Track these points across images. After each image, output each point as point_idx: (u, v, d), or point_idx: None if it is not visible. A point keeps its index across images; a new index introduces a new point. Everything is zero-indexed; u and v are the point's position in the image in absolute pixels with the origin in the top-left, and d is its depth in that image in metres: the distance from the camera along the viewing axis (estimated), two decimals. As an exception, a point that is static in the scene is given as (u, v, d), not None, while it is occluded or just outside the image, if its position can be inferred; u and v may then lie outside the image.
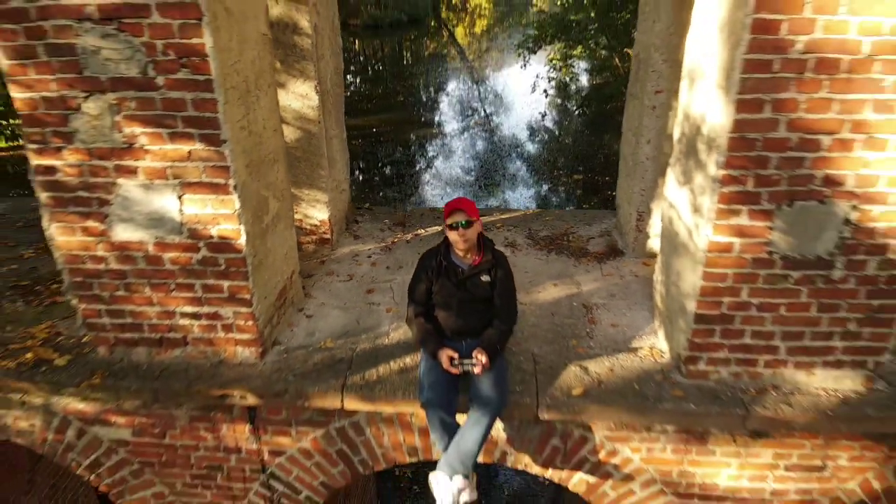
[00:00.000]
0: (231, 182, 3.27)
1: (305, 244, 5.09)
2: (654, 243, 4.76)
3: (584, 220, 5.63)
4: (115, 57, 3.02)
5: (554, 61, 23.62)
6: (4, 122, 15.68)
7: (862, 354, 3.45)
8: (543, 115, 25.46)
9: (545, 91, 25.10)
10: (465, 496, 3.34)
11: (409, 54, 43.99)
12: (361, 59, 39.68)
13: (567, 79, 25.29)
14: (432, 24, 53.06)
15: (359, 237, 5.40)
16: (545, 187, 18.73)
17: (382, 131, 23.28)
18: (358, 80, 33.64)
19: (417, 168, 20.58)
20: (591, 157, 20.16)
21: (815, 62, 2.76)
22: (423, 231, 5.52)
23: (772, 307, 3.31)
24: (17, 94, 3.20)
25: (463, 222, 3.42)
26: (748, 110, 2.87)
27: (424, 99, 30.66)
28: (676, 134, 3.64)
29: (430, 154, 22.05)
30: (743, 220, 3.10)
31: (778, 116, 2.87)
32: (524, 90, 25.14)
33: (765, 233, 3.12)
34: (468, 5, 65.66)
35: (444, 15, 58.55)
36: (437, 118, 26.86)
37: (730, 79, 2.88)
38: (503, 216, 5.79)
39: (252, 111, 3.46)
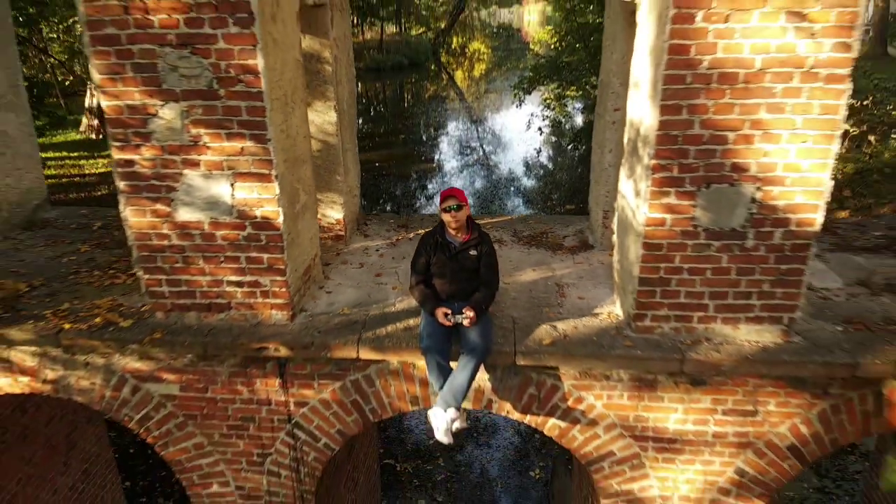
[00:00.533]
0: (273, 172, 4.16)
1: (323, 239, 5.96)
2: (619, 238, 5.64)
3: (562, 223, 6.52)
4: (188, 74, 3.95)
5: (548, 101, 24.85)
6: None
7: (777, 311, 4.29)
8: (538, 152, 26.62)
9: (539, 129, 26.29)
10: (457, 424, 4.15)
11: (409, 96, 45.57)
12: (364, 100, 41.12)
13: (561, 117, 26.54)
14: (432, 67, 54.88)
15: (368, 235, 6.28)
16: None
17: (384, 167, 24.39)
18: (361, 120, 34.93)
19: (417, 204, 21.59)
20: (583, 190, 21.14)
21: (718, 75, 3.69)
22: (422, 231, 6.39)
23: (699, 271, 4.18)
24: (106, 102, 4.11)
25: (454, 206, 4.31)
26: (670, 113, 3.78)
27: (424, 138, 31.92)
28: (625, 138, 4.56)
29: (431, 190, 23.10)
30: (672, 199, 3.99)
31: (693, 118, 3.78)
32: (520, 128, 26.28)
33: (689, 210, 4.00)
34: (467, 50, 67.78)
35: (443, 59, 60.48)
36: (436, 156, 28.04)
37: (655, 90, 3.80)
38: (493, 220, 6.69)
39: (289, 119, 4.38)
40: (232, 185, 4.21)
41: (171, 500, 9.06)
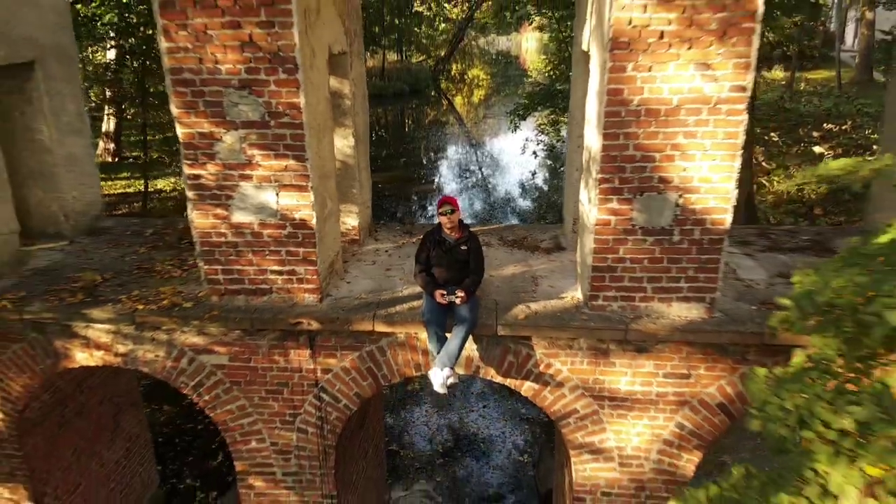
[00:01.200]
0: (309, 185, 5.39)
1: (342, 242, 7.18)
2: (586, 240, 6.85)
3: (541, 230, 7.75)
4: (246, 109, 5.20)
5: (542, 126, 26.24)
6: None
7: (701, 292, 5.49)
8: (533, 174, 27.96)
9: (534, 152, 27.68)
10: (451, 380, 5.33)
11: (410, 121, 47.22)
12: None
13: (555, 141, 27.94)
14: (432, 94, 56.55)
15: (378, 240, 7.50)
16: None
17: (386, 188, 25.71)
18: (364, 144, 36.23)
19: (420, 222, 22.90)
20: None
21: (645, 110, 4.93)
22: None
23: (638, 261, 5.39)
24: (181, 130, 5.36)
25: (449, 210, 5.53)
26: (610, 139, 5.02)
27: (424, 161, 33.37)
28: (583, 158, 5.80)
29: (430, 211, 24.44)
30: (615, 204, 5.21)
31: (628, 142, 5.02)
32: (517, 152, 27.63)
33: (628, 212, 5.22)
34: (466, 77, 69.60)
35: (443, 85, 62.22)
36: (436, 178, 29.45)
37: (600, 122, 5.04)
38: (483, 227, 7.90)
39: (320, 143, 5.62)
40: (277, 193, 5.44)
41: (199, 481, 10.15)
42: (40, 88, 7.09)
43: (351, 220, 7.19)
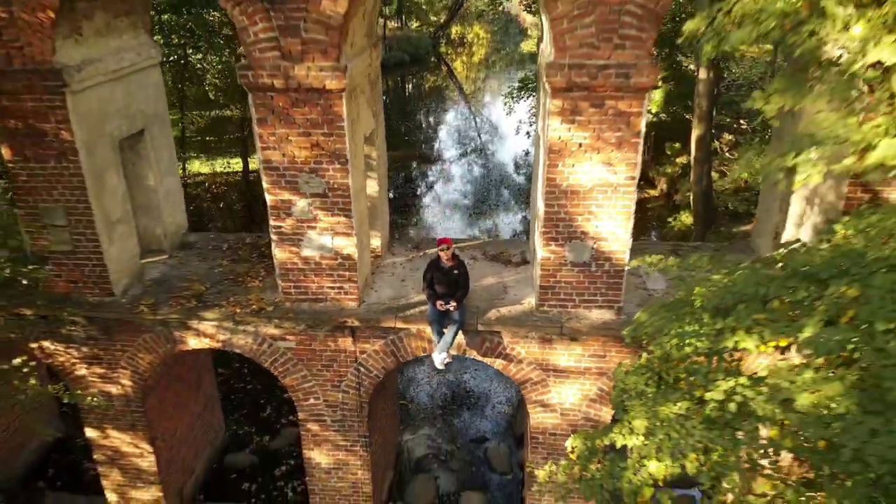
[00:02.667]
0: (354, 232, 8.17)
1: (370, 258, 9.97)
2: (543, 257, 9.66)
3: (514, 245, 10.53)
4: (313, 185, 7.94)
5: (535, 109, 28.67)
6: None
7: (610, 303, 8.32)
8: (527, 153, 30.52)
9: (528, 133, 30.16)
10: (446, 360, 8.23)
11: (410, 88, 49.49)
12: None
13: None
14: (432, 60, 58.29)
15: (394, 254, 10.30)
16: (521, 216, 23.86)
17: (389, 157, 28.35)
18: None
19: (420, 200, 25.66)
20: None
21: (570, 191, 7.67)
22: (428, 251, 10.40)
23: (569, 282, 8.21)
24: (269, 197, 8.10)
25: (445, 248, 8.31)
26: (549, 207, 7.78)
27: (425, 126, 36.03)
28: (532, 215, 8.56)
29: (431, 180, 27.37)
30: (553, 247, 8.00)
31: (560, 210, 7.78)
32: (513, 124, 30.11)
33: (562, 252, 8.01)
34: (466, 39, 70.88)
35: (443, 49, 63.73)
36: (436, 146, 32.21)
37: (542, 196, 7.80)
38: (471, 243, 10.69)
39: (360, 203, 8.37)
40: (332, 238, 8.21)
41: (254, 428, 13.19)
42: (147, 146, 9.77)
43: (375, 241, 9.98)
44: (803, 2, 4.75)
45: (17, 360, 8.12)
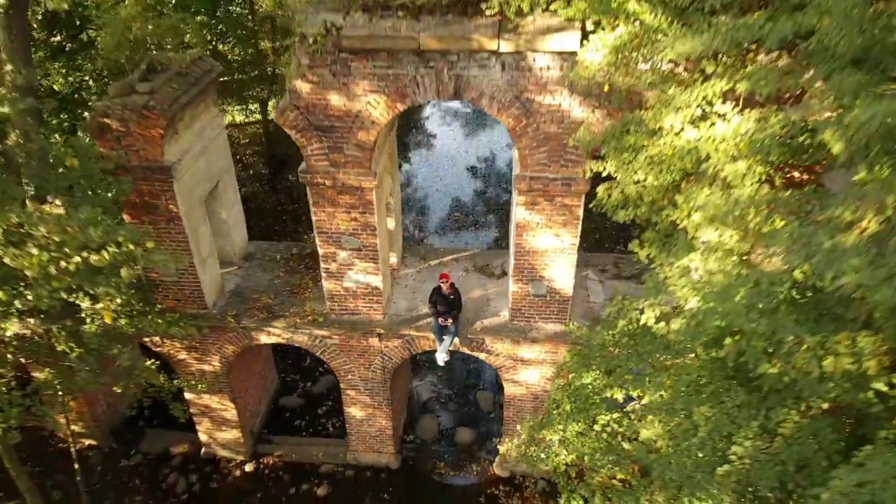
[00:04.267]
0: (380, 270, 11.63)
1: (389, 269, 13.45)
2: (517, 273, 13.16)
3: (497, 257, 13.97)
4: (352, 243, 11.30)
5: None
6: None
7: (560, 319, 11.92)
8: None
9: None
10: (446, 359, 11.97)
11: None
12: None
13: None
14: None
15: (406, 265, 13.77)
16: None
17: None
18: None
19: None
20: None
21: (532, 251, 11.07)
22: (432, 262, 13.87)
23: (532, 305, 11.77)
24: (321, 250, 11.48)
25: (445, 281, 11.79)
26: (517, 260, 11.20)
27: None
28: (506, 264, 11.97)
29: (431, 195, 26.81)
30: (520, 284, 11.50)
31: (525, 263, 11.20)
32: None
33: (527, 288, 11.52)
34: None
35: None
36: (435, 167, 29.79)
37: (513, 252, 11.20)
38: (464, 253, 14.12)
39: (385, 251, 11.75)
40: (365, 275, 11.68)
41: (298, 376, 17.15)
42: (220, 191, 12.97)
43: (393, 259, 13.42)
44: (664, 195, 8.04)
45: (148, 362, 11.80)
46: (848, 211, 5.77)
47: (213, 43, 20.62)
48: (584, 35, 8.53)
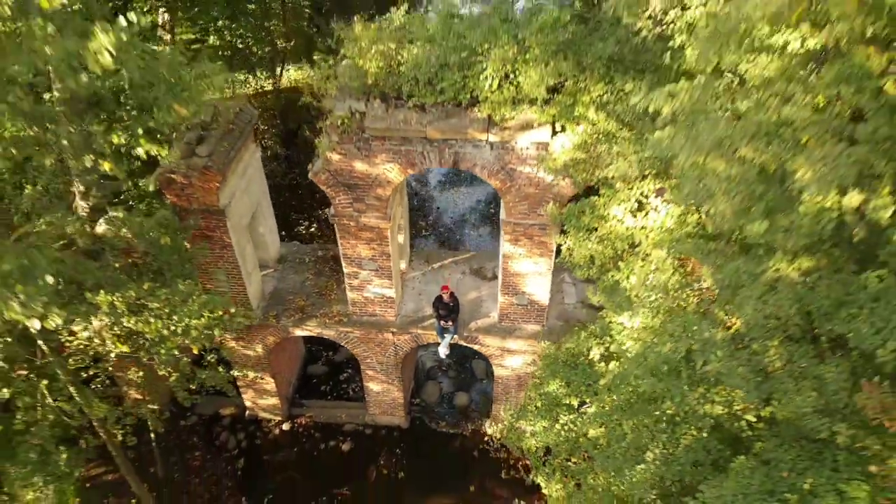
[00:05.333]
0: (393, 284, 14.44)
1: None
2: (505, 277, 15.98)
3: (489, 260, 16.72)
4: (371, 266, 14.06)
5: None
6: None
7: (538, 321, 14.84)
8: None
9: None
10: (447, 353, 15.00)
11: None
12: None
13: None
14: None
15: (413, 268, 16.55)
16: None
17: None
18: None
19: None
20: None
21: (515, 273, 13.85)
22: (437, 264, 16.65)
23: (516, 312, 14.67)
24: (347, 269, 14.25)
25: (446, 294, 14.62)
26: (504, 279, 14.00)
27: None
28: (495, 282, 14.74)
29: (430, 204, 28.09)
30: (507, 297, 14.35)
31: (510, 282, 14.01)
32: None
33: (512, 299, 14.37)
34: None
35: None
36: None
37: (501, 273, 13.98)
38: (462, 256, 16.87)
39: (397, 267, 14.51)
40: (381, 288, 14.50)
41: (321, 347, 20.26)
42: (258, 211, 15.58)
43: (403, 265, 16.20)
44: (611, 261, 10.78)
45: (210, 356, 14.78)
46: (722, 311, 8.57)
47: (233, 42, 22.53)
48: (554, 131, 11.02)
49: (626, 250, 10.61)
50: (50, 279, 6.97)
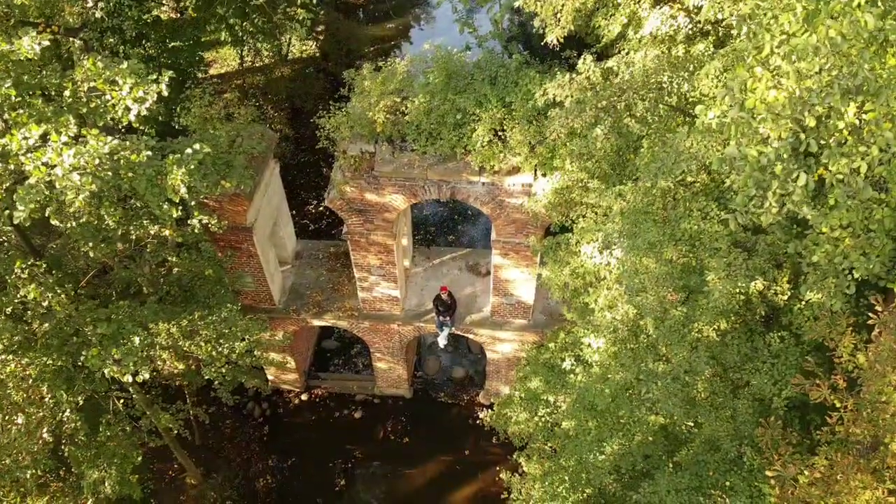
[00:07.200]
0: (398, 286, 16.56)
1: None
2: (497, 273, 18.06)
3: (484, 256, 18.76)
4: (379, 272, 16.15)
5: None
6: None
7: (525, 316, 17.04)
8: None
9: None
10: (445, 343, 17.30)
11: None
12: None
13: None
14: None
15: (416, 264, 18.62)
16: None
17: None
18: None
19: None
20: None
21: (506, 279, 15.94)
22: (437, 260, 18.72)
23: (507, 309, 16.86)
24: (358, 274, 16.33)
25: (444, 294, 16.75)
26: (495, 284, 16.11)
27: None
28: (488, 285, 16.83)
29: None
30: (498, 297, 16.50)
31: (500, 287, 16.11)
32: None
33: (502, 299, 16.52)
34: None
35: None
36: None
37: (492, 278, 16.09)
38: (460, 252, 18.91)
39: (402, 274, 16.59)
40: (388, 289, 16.63)
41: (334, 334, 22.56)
42: (277, 217, 17.51)
43: (406, 262, 18.27)
44: (583, 286, 12.88)
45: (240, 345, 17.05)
46: (664, 346, 10.73)
47: (242, 37, 23.79)
48: (536, 176, 12.89)
49: (592, 282, 12.65)
50: (137, 340, 9.08)
